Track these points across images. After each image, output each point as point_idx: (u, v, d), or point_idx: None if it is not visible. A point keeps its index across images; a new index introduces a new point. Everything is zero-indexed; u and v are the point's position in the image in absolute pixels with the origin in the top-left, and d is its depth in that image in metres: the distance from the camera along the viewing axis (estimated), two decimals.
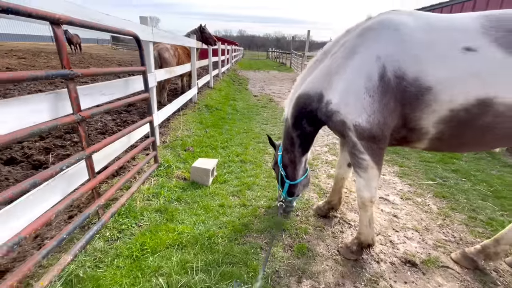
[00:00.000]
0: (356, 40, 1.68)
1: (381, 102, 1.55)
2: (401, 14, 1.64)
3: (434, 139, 1.60)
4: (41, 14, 1.38)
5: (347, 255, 2.02)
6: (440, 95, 1.44)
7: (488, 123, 1.43)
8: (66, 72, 1.54)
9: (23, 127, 1.34)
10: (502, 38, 1.37)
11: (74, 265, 1.65)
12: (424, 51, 1.47)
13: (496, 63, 1.36)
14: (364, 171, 1.75)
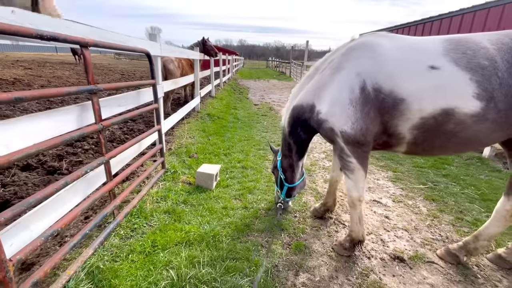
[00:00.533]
0: (341, 58, 1.94)
1: (362, 112, 1.79)
2: (379, 36, 1.91)
3: (410, 143, 1.83)
4: (74, 39, 1.62)
5: (341, 252, 2.21)
6: (412, 105, 1.68)
7: (452, 129, 1.65)
8: (92, 87, 1.77)
9: (58, 134, 1.56)
10: (460, 58, 1.62)
11: (94, 258, 1.84)
12: (397, 68, 1.72)
13: (455, 79, 1.60)
14: (352, 172, 1.97)
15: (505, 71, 1.55)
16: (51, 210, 1.62)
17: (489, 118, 1.59)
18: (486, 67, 1.57)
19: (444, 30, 6.92)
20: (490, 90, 1.56)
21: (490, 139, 1.70)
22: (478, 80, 1.57)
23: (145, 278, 1.80)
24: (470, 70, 1.59)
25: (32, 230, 1.47)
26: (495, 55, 1.59)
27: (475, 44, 1.65)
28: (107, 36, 2.17)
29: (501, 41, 1.63)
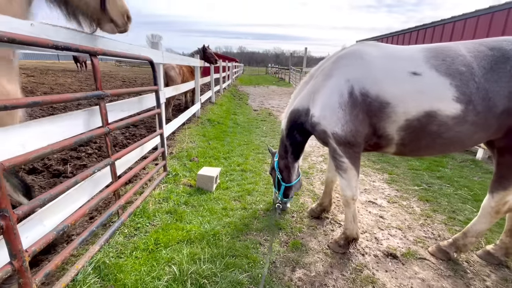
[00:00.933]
0: (332, 66, 2.09)
1: (351, 114, 1.92)
2: (366, 45, 2.05)
3: (399, 144, 1.95)
4: (85, 49, 1.75)
5: (336, 249, 2.30)
6: (397, 108, 1.81)
7: (436, 130, 1.78)
8: (100, 93, 1.90)
9: (69, 136, 1.68)
10: (439, 65, 1.76)
11: (100, 254, 1.94)
12: (382, 74, 1.86)
13: (436, 84, 1.74)
14: (345, 172, 2.09)
15: (481, 76, 1.69)
16: (62, 207, 1.72)
17: (469, 120, 1.71)
18: (464, 73, 1.70)
19: (437, 36, 7.13)
20: (468, 93, 1.69)
21: (472, 140, 1.82)
22: (457, 84, 1.70)
23: (149, 273, 1.89)
24: (449, 76, 1.72)
25: (45, 225, 1.58)
26: (472, 62, 1.72)
27: (453, 52, 1.79)
28: (113, 44, 2.31)
29: (477, 49, 1.77)
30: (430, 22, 7.33)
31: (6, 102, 1.20)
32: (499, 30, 5.46)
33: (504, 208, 1.93)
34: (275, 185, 2.80)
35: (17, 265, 1.24)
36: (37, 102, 1.36)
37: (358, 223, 2.32)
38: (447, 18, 6.74)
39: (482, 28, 5.74)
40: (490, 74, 1.68)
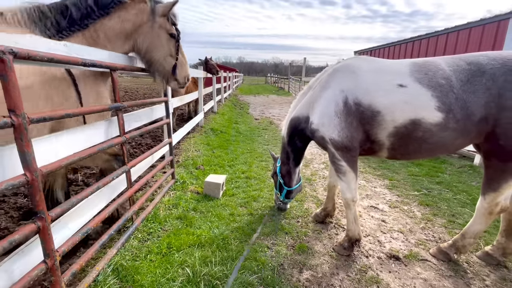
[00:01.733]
0: (328, 78, 2.30)
1: (346, 122, 2.12)
2: (358, 60, 2.29)
3: (390, 149, 2.15)
4: (107, 65, 1.91)
5: (341, 252, 2.39)
6: (386, 116, 2.02)
7: (421, 136, 1.98)
8: (119, 105, 2.04)
9: (91, 145, 1.81)
10: (422, 78, 1.98)
11: (117, 257, 2.03)
12: (372, 86, 2.08)
13: (419, 95, 1.95)
14: (344, 175, 2.25)
15: (459, 88, 1.89)
16: (85, 211, 1.84)
17: (450, 127, 1.91)
18: (444, 85, 1.91)
19: (431, 47, 7.40)
20: (448, 103, 1.89)
21: (455, 144, 2.02)
22: (438, 95, 1.90)
23: (163, 275, 1.99)
24: (431, 88, 1.93)
25: (69, 228, 1.69)
26: (451, 75, 1.93)
27: (434, 66, 2.00)
28: (130, 60, 2.48)
29: (456, 63, 1.98)
30: (424, 34, 7.61)
31: (47, 114, 1.34)
32: (490, 41, 5.71)
33: (497, 209, 2.05)
34: (276, 188, 2.98)
35: (50, 263, 1.35)
36: (69, 114, 1.50)
37: (359, 224, 2.43)
38: (440, 30, 7.02)
39: (474, 39, 5.99)
40: (467, 86, 1.88)
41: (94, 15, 2.00)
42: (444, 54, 7.04)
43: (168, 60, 2.40)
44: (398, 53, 9.20)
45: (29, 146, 1.20)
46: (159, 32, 2.30)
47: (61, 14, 1.89)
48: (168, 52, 2.38)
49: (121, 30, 2.15)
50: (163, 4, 2.28)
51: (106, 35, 2.09)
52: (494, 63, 1.89)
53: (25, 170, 1.20)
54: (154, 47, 2.32)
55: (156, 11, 2.24)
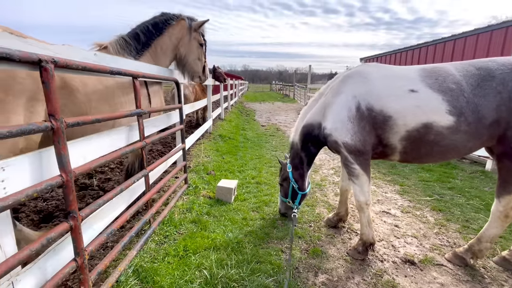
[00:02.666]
0: (340, 84, 2.36)
1: (359, 126, 2.17)
2: (369, 66, 2.36)
3: (402, 152, 2.19)
4: (129, 72, 2.00)
5: (355, 256, 2.40)
6: (398, 121, 2.07)
7: (433, 139, 2.03)
8: (140, 111, 2.13)
9: (115, 149, 1.89)
10: (432, 83, 2.05)
11: (137, 259, 2.08)
12: (384, 91, 2.14)
13: (431, 100, 2.01)
14: (357, 178, 2.28)
15: (470, 92, 1.96)
16: (108, 213, 1.90)
17: (461, 130, 1.96)
18: (454, 89, 1.98)
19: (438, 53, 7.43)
20: (459, 107, 1.95)
21: (467, 147, 2.06)
22: (448, 99, 1.97)
23: (182, 277, 2.02)
24: (441, 92, 2.00)
25: (94, 229, 1.75)
26: (461, 80, 2.00)
27: (444, 71, 2.08)
28: (149, 68, 2.59)
29: (466, 69, 2.05)
30: (431, 40, 7.67)
31: (80, 119, 1.42)
32: (498, 47, 5.72)
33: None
34: (286, 196, 2.88)
35: (80, 261, 1.41)
36: (98, 119, 1.58)
37: (373, 228, 2.43)
38: (447, 37, 7.06)
39: (482, 46, 6.01)
40: (478, 90, 1.95)
41: (154, 35, 2.74)
42: (452, 60, 7.05)
43: (197, 62, 3.18)
44: (405, 60, 9.24)
45: (65, 149, 1.28)
46: (193, 43, 3.05)
47: (136, 40, 2.65)
48: (197, 56, 3.15)
49: (171, 43, 2.90)
50: (197, 22, 3.02)
51: (161, 49, 2.84)
52: (503, 68, 1.96)
53: (61, 171, 1.28)
54: (189, 53, 3.07)
55: (192, 27, 2.98)
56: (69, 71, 1.44)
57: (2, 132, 1.00)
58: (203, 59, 3.27)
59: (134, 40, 2.64)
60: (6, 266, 0.99)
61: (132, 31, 2.69)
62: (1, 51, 1.00)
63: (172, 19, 2.83)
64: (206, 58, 3.35)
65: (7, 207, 1.00)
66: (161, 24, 2.76)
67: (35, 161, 1.26)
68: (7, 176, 1.11)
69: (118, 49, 2.55)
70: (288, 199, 2.88)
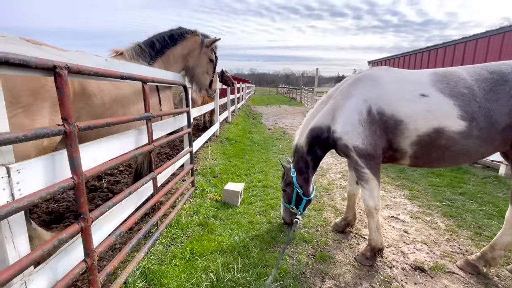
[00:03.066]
0: (350, 87, 2.34)
1: (370, 130, 2.16)
2: (379, 70, 2.34)
3: (412, 157, 2.18)
4: (138, 77, 2.05)
5: (363, 261, 2.36)
6: (409, 125, 2.07)
7: (444, 144, 2.02)
8: (149, 114, 2.17)
9: (124, 152, 1.93)
10: (444, 88, 2.04)
11: (144, 261, 2.10)
12: (395, 96, 2.13)
13: (442, 104, 2.00)
14: (366, 182, 2.24)
15: (482, 97, 1.93)
16: (116, 215, 1.93)
17: (473, 135, 1.95)
18: (466, 94, 1.96)
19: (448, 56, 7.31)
20: (471, 112, 1.93)
21: (479, 152, 2.03)
22: (460, 104, 1.95)
23: (188, 280, 2.03)
24: (453, 97, 1.98)
25: (103, 231, 1.78)
26: (473, 85, 1.97)
27: (456, 76, 2.05)
28: (157, 72, 2.65)
29: (478, 72, 2.02)
30: (441, 43, 7.55)
31: (91, 123, 1.46)
32: (511, 49, 5.59)
33: None
34: (290, 201, 2.76)
35: (89, 262, 1.43)
36: (108, 123, 1.62)
37: (382, 234, 2.39)
38: (458, 39, 6.95)
39: (494, 48, 5.88)
40: (490, 95, 1.93)
41: (168, 46, 2.99)
42: (462, 63, 6.91)
43: (205, 76, 3.43)
44: (414, 63, 9.10)
45: (77, 152, 1.31)
46: (203, 57, 3.30)
47: (151, 47, 2.87)
48: (205, 70, 3.40)
49: (182, 53, 3.15)
50: (209, 39, 3.29)
51: (173, 58, 3.08)
52: None
53: (73, 174, 1.31)
54: (197, 66, 3.33)
55: (204, 43, 3.24)
56: (82, 76, 1.49)
57: (18, 136, 1.04)
58: (212, 74, 3.46)
59: (150, 48, 2.86)
60: (20, 266, 1.02)
61: (149, 39, 2.92)
62: (19, 58, 1.05)
63: (187, 33, 3.11)
64: (215, 74, 3.56)
65: (21, 208, 1.03)
66: (177, 36, 3.03)
67: (48, 163, 1.30)
68: (22, 178, 1.15)
69: (133, 55, 2.74)
70: (292, 205, 2.75)
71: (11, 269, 0.99)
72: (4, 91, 1.45)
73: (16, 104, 1.52)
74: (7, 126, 1.12)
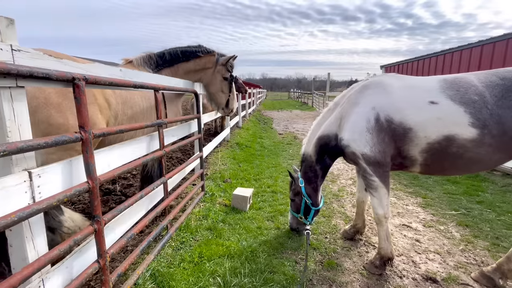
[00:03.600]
0: (358, 94, 2.34)
1: (378, 137, 2.14)
2: (387, 77, 2.32)
3: (422, 164, 2.15)
4: (151, 86, 2.14)
5: (372, 270, 2.32)
6: (418, 133, 2.04)
7: (455, 152, 1.99)
8: (161, 121, 2.26)
9: (136, 157, 2.01)
10: (453, 95, 2.02)
11: (154, 263, 2.17)
12: (404, 103, 2.11)
13: (452, 112, 1.97)
14: (375, 190, 2.21)
15: (493, 103, 1.89)
16: (128, 218, 2.01)
17: (486, 142, 1.91)
18: (477, 101, 1.92)
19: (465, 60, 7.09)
20: (482, 119, 1.89)
21: (493, 160, 1.99)
22: (471, 111, 1.91)
23: (196, 283, 2.07)
24: (463, 104, 1.95)
25: (115, 233, 1.86)
26: (484, 91, 1.93)
27: (466, 82, 2.01)
28: (168, 80, 2.75)
29: (489, 79, 1.98)
30: (457, 46, 7.35)
31: (105, 130, 1.54)
32: None
33: None
34: (298, 211, 2.71)
35: (102, 263, 1.50)
36: (121, 130, 1.71)
37: (392, 242, 2.34)
38: (474, 42, 6.74)
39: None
40: (502, 102, 1.89)
41: (179, 60, 3.09)
42: (479, 67, 6.67)
43: (220, 94, 3.45)
44: (428, 67, 8.87)
45: (92, 158, 1.39)
46: (216, 75, 3.34)
47: (160, 58, 2.99)
48: (220, 89, 3.41)
49: (194, 69, 3.23)
50: (224, 57, 3.30)
51: (183, 71, 3.17)
52: None
53: (88, 178, 1.39)
54: (211, 84, 3.40)
55: (218, 61, 3.28)
56: (98, 86, 1.58)
57: (40, 143, 1.13)
58: (227, 92, 3.44)
59: (158, 57, 2.97)
60: (38, 264, 1.09)
61: (162, 51, 3.06)
62: (43, 72, 1.14)
63: (202, 52, 3.17)
64: (232, 93, 3.53)
65: (41, 210, 1.11)
66: (189, 53, 3.12)
67: (66, 168, 1.39)
68: (42, 182, 1.23)
69: (140, 63, 2.90)
70: (300, 214, 2.71)
71: (30, 267, 1.06)
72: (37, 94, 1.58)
73: (49, 105, 1.67)
74: (30, 134, 1.21)
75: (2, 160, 1.12)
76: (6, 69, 1.00)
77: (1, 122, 1.09)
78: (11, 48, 1.10)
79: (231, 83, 3.45)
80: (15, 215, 0.99)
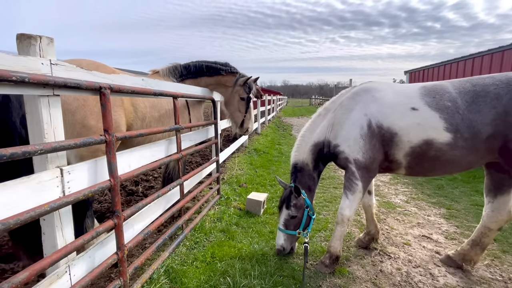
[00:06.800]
0: (349, 101, 2.41)
1: (370, 144, 2.24)
2: (376, 84, 2.46)
3: (407, 167, 2.29)
4: (170, 93, 2.31)
5: (322, 269, 2.39)
6: (402, 137, 2.18)
7: (434, 155, 2.12)
8: (179, 126, 2.42)
9: (155, 159, 2.17)
10: (430, 102, 2.15)
11: (169, 260, 2.29)
12: (390, 109, 2.24)
13: (429, 117, 2.10)
14: (352, 193, 2.30)
15: (465, 109, 2.01)
16: (146, 216, 2.16)
17: (459, 145, 2.05)
18: (450, 107, 2.08)
19: (496, 63, 6.65)
20: (455, 124, 2.04)
21: (467, 161, 2.12)
22: (445, 117, 2.07)
23: (207, 282, 2.15)
24: (438, 110, 2.10)
25: (134, 229, 2.01)
26: (457, 98, 2.06)
27: (442, 89, 2.14)
28: (185, 88, 2.93)
29: (463, 86, 2.10)
30: (486, 50, 6.93)
31: (127, 134, 1.70)
32: None
33: None
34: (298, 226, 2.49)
35: (120, 255, 1.64)
36: (141, 134, 1.87)
37: (342, 244, 2.44)
38: (507, 45, 6.33)
39: None
40: (473, 106, 2.02)
41: (203, 74, 3.32)
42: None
43: (237, 114, 3.58)
44: (456, 72, 8.40)
45: (114, 158, 1.55)
46: (234, 95, 3.47)
47: (185, 69, 3.24)
48: (237, 109, 3.55)
49: (215, 84, 3.45)
50: (243, 78, 3.43)
51: (205, 84, 3.39)
52: (498, 83, 2.01)
53: (110, 177, 1.55)
54: (228, 103, 3.57)
55: (237, 82, 3.40)
56: (122, 94, 1.76)
57: (70, 144, 1.29)
58: (244, 112, 3.53)
59: (183, 68, 3.22)
60: (66, 250, 1.24)
61: (189, 63, 3.30)
62: (75, 82, 1.32)
63: (226, 71, 3.35)
64: (248, 113, 3.59)
65: (69, 202, 1.27)
66: (213, 69, 3.32)
67: (92, 167, 1.56)
68: (71, 178, 1.40)
69: (166, 73, 3.15)
70: (300, 229, 2.49)
71: (58, 253, 1.21)
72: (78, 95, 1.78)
73: (86, 106, 1.88)
74: (62, 136, 1.39)
75: (39, 157, 1.30)
76: (45, 81, 1.18)
77: (40, 125, 1.27)
78: (50, 62, 1.29)
79: (248, 103, 3.52)
80: (48, 205, 1.15)
